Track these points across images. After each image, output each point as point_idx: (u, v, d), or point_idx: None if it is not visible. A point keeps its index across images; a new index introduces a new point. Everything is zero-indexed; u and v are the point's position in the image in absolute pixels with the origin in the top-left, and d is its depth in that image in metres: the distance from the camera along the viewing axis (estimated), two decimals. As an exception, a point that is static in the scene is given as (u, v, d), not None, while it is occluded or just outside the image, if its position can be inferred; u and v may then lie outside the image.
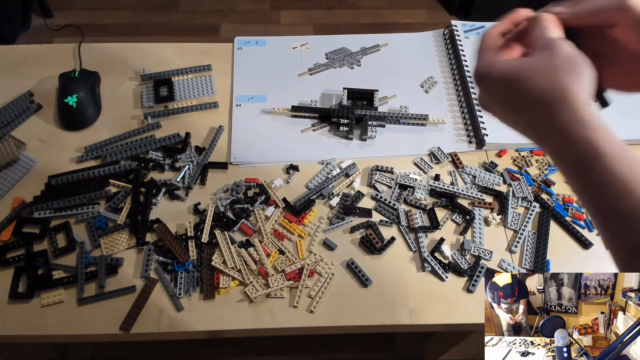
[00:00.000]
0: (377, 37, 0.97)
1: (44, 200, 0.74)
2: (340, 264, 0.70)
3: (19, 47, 0.93)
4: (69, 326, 0.64)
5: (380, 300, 0.67)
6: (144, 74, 0.88)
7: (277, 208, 0.74)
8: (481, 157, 0.82)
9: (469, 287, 0.68)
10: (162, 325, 0.65)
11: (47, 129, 0.82)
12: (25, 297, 0.66)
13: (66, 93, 0.82)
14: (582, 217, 0.76)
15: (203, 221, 0.72)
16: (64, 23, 1.39)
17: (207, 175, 0.77)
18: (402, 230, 0.73)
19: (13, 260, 0.68)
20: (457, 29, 0.96)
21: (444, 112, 0.86)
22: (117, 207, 0.73)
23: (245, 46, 0.94)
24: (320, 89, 0.89)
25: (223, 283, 0.67)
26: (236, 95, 0.87)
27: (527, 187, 0.77)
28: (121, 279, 0.68)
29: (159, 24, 2.08)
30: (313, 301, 0.66)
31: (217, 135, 0.81)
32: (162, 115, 0.84)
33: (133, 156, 0.79)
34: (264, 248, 0.70)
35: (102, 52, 0.92)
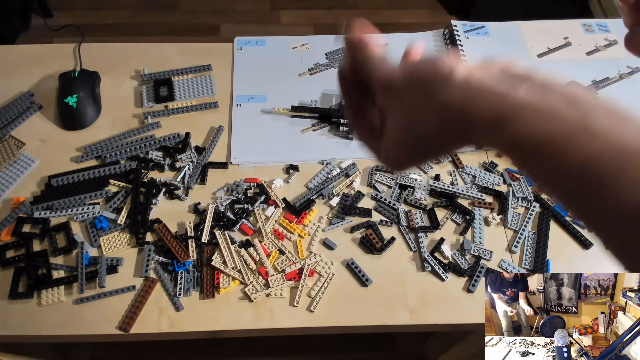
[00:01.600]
0: (377, 37, 0.97)
1: (44, 200, 0.74)
2: (340, 264, 0.70)
3: (19, 47, 0.93)
4: (68, 326, 0.64)
5: (380, 300, 0.67)
6: (144, 74, 0.88)
7: (277, 208, 0.74)
8: (481, 157, 0.82)
9: (469, 287, 0.68)
10: (162, 325, 0.65)
11: (47, 129, 0.82)
12: (25, 297, 0.66)
13: (66, 93, 0.82)
14: (582, 217, 0.75)
15: (203, 221, 0.72)
16: (64, 23, 1.39)
17: (207, 175, 0.77)
18: (402, 230, 0.73)
19: (13, 260, 0.68)
20: (457, 29, 0.96)
21: (444, 112, 0.86)
22: (117, 207, 0.73)
23: (245, 46, 0.94)
24: (320, 89, 0.89)
25: (223, 283, 0.67)
26: (236, 95, 0.87)
27: (527, 187, 0.77)
28: (121, 278, 0.68)
29: (159, 24, 2.08)
30: (313, 301, 0.66)
31: (217, 135, 0.81)
32: (162, 115, 0.84)
33: (133, 156, 0.79)
34: (264, 248, 0.70)
35: (102, 52, 0.92)
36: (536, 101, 0.26)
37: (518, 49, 0.95)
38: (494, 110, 0.27)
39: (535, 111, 0.26)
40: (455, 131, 0.29)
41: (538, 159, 0.26)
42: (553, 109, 0.25)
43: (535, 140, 0.25)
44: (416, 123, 0.31)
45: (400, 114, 0.32)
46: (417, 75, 0.30)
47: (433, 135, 0.30)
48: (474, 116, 0.27)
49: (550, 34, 0.97)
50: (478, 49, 0.93)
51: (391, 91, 0.32)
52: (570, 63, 0.93)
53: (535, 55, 0.94)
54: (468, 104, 0.27)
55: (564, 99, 0.26)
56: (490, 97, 0.27)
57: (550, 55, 0.94)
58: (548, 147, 0.25)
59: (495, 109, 0.27)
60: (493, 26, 0.99)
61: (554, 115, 0.25)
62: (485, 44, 0.95)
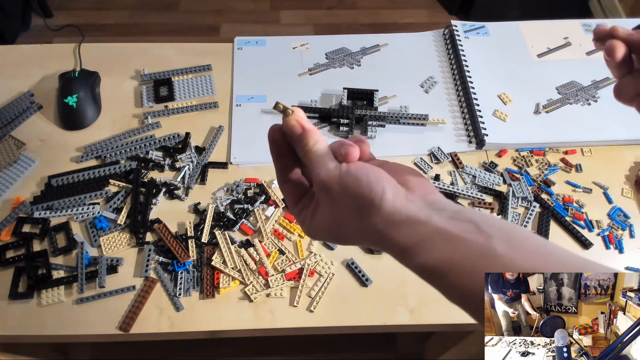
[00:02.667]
0: (377, 37, 0.97)
1: (44, 200, 0.74)
2: (340, 264, 0.70)
3: (19, 47, 0.93)
4: (68, 326, 0.64)
5: (380, 300, 0.67)
6: (144, 74, 0.88)
7: (277, 208, 0.74)
8: (481, 157, 0.82)
9: (469, 287, 0.68)
10: (162, 325, 0.65)
11: (47, 129, 0.82)
12: (25, 297, 0.66)
13: (66, 93, 0.82)
14: (582, 217, 0.76)
15: (203, 221, 0.72)
16: (64, 23, 1.39)
17: (207, 175, 0.77)
18: (402, 230, 0.73)
19: (13, 260, 0.68)
20: (457, 29, 0.96)
21: (444, 112, 0.86)
22: (117, 207, 0.73)
23: (245, 46, 0.94)
24: (320, 89, 0.89)
25: (223, 283, 0.67)
26: (236, 95, 0.87)
27: (527, 187, 0.77)
28: (121, 278, 0.68)
29: (159, 24, 2.08)
30: (313, 301, 0.66)
31: (217, 135, 0.81)
32: (162, 115, 0.84)
33: (133, 156, 0.79)
34: (264, 248, 0.70)
35: (102, 52, 0.92)
36: (448, 228, 0.29)
37: (518, 49, 0.95)
38: (410, 239, 0.30)
39: (447, 238, 0.29)
40: (374, 244, 0.33)
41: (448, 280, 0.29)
42: (462, 235, 0.29)
43: (445, 264, 0.29)
44: (342, 224, 0.34)
45: (331, 211, 0.34)
46: (352, 193, 0.32)
47: (354, 237, 0.34)
48: (392, 242, 0.31)
49: (550, 34, 0.97)
50: (478, 49, 0.93)
51: (327, 192, 0.33)
52: (570, 63, 0.93)
53: (535, 55, 0.94)
54: (389, 231, 0.31)
55: (470, 225, 0.29)
56: (409, 227, 0.30)
57: (550, 55, 0.94)
58: (457, 269, 0.29)
59: (411, 238, 0.30)
60: (493, 26, 0.98)
61: (462, 241, 0.29)
62: (485, 44, 0.95)
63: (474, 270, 0.28)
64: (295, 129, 0.35)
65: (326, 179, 0.33)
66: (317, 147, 0.34)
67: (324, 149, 0.34)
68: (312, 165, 0.34)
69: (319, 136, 0.35)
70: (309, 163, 0.34)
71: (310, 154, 0.34)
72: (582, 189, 0.78)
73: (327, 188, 0.33)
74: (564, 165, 0.81)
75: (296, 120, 0.35)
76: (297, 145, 0.35)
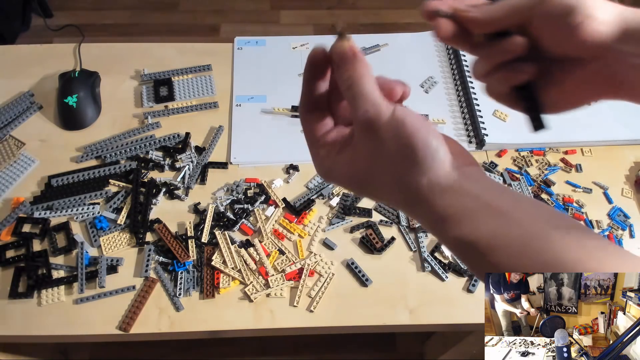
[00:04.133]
0: (377, 37, 0.97)
1: (44, 200, 0.74)
2: (340, 264, 0.70)
3: (19, 47, 0.93)
4: (68, 326, 0.64)
5: (380, 300, 0.67)
6: (144, 74, 0.88)
7: (277, 208, 0.74)
8: (481, 157, 0.82)
9: (469, 287, 0.68)
10: (162, 325, 0.65)
11: (47, 129, 0.82)
12: (25, 296, 0.66)
13: (66, 93, 0.82)
14: (582, 217, 0.76)
15: (203, 221, 0.72)
16: (64, 23, 1.38)
17: (207, 175, 0.77)
18: (402, 230, 0.73)
19: (13, 260, 0.68)
20: (457, 29, 0.96)
21: (444, 112, 0.86)
22: (117, 207, 0.73)
23: (245, 46, 0.94)
24: (320, 89, 0.89)
25: (223, 283, 0.67)
26: (236, 95, 0.87)
27: (527, 187, 0.77)
28: (121, 278, 0.68)
29: (159, 24, 2.08)
30: (313, 301, 0.66)
31: (217, 135, 0.81)
32: (162, 115, 0.84)
33: (133, 156, 0.79)
34: (264, 248, 0.70)
35: (102, 52, 0.92)
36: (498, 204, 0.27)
37: (518, 49, 0.95)
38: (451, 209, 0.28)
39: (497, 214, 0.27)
40: (404, 204, 0.30)
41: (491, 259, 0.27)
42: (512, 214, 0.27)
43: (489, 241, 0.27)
44: (376, 172, 0.30)
45: (369, 154, 0.30)
46: (404, 143, 0.28)
47: (381, 190, 0.30)
48: (431, 208, 0.28)
49: (550, 34, 0.97)
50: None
51: (372, 134, 0.29)
52: (570, 63, 0.93)
53: (535, 55, 0.94)
54: (431, 195, 0.28)
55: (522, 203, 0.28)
56: (453, 196, 0.28)
57: (550, 55, 0.94)
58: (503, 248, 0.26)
59: (453, 208, 0.28)
60: (493, 26, 0.98)
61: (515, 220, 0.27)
62: (485, 44, 0.95)
63: (522, 251, 0.25)
64: (347, 53, 0.30)
65: (375, 117, 0.29)
66: (366, 79, 0.29)
67: (373, 83, 0.30)
68: (357, 100, 0.29)
69: (370, 69, 0.30)
70: (354, 97, 0.29)
71: (358, 85, 0.29)
72: (582, 189, 0.78)
73: (373, 129, 0.29)
74: (564, 165, 0.81)
75: (350, 46, 0.30)
76: (343, 72, 0.30)
